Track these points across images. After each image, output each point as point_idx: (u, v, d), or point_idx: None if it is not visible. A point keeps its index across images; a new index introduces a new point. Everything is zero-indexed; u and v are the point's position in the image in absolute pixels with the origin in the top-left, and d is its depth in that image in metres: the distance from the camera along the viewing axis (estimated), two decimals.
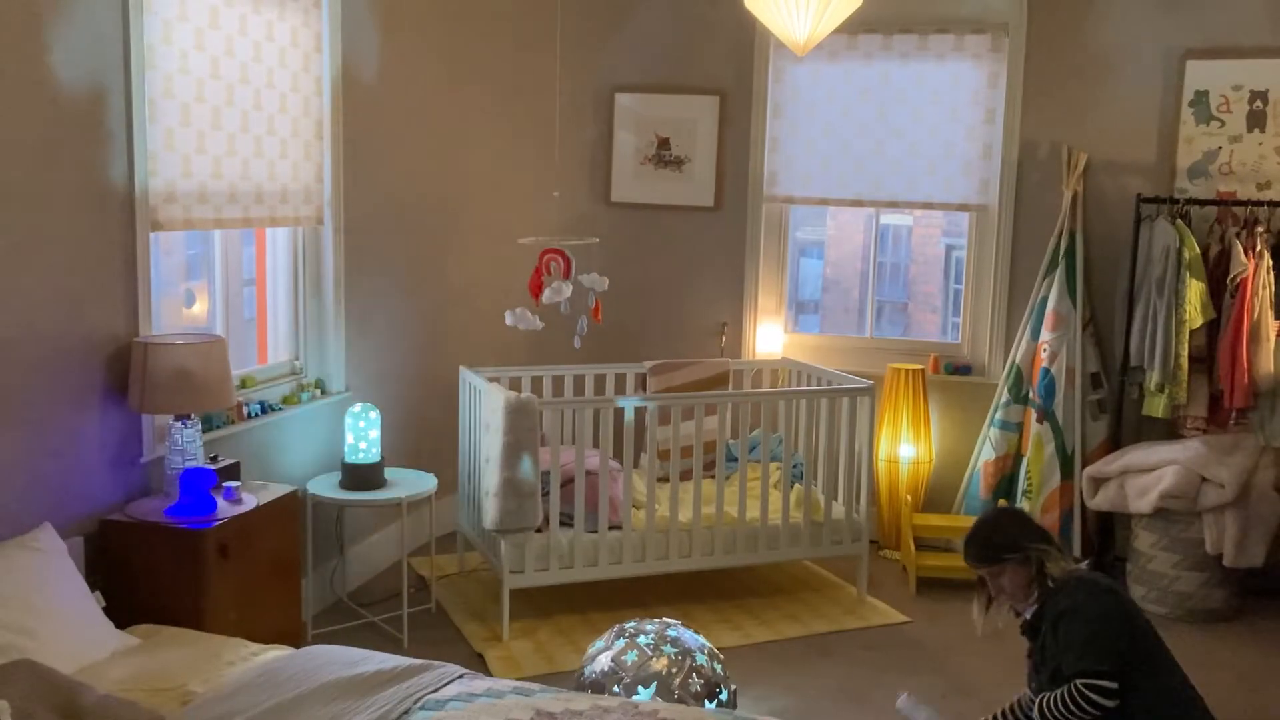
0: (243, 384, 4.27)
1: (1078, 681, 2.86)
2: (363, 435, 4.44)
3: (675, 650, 3.35)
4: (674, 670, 3.26)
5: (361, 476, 4.42)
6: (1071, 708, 2.85)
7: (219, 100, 3.94)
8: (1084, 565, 3.20)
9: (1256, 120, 5.12)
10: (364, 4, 4.74)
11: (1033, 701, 3.06)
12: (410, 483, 4.55)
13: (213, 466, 3.67)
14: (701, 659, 3.38)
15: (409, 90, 5.14)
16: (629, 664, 3.32)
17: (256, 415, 4.22)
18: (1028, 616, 3.13)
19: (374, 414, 4.49)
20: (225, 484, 3.65)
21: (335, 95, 4.58)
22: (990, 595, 3.21)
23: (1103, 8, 5.28)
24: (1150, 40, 5.23)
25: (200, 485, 3.45)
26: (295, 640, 3.64)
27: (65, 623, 2.98)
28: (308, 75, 4.44)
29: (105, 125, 3.45)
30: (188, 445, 3.56)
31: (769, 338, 5.82)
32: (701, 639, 3.50)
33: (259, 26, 4.12)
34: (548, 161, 5.69)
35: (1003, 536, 3.11)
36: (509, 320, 4.70)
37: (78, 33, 3.33)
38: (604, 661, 3.36)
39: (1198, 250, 4.96)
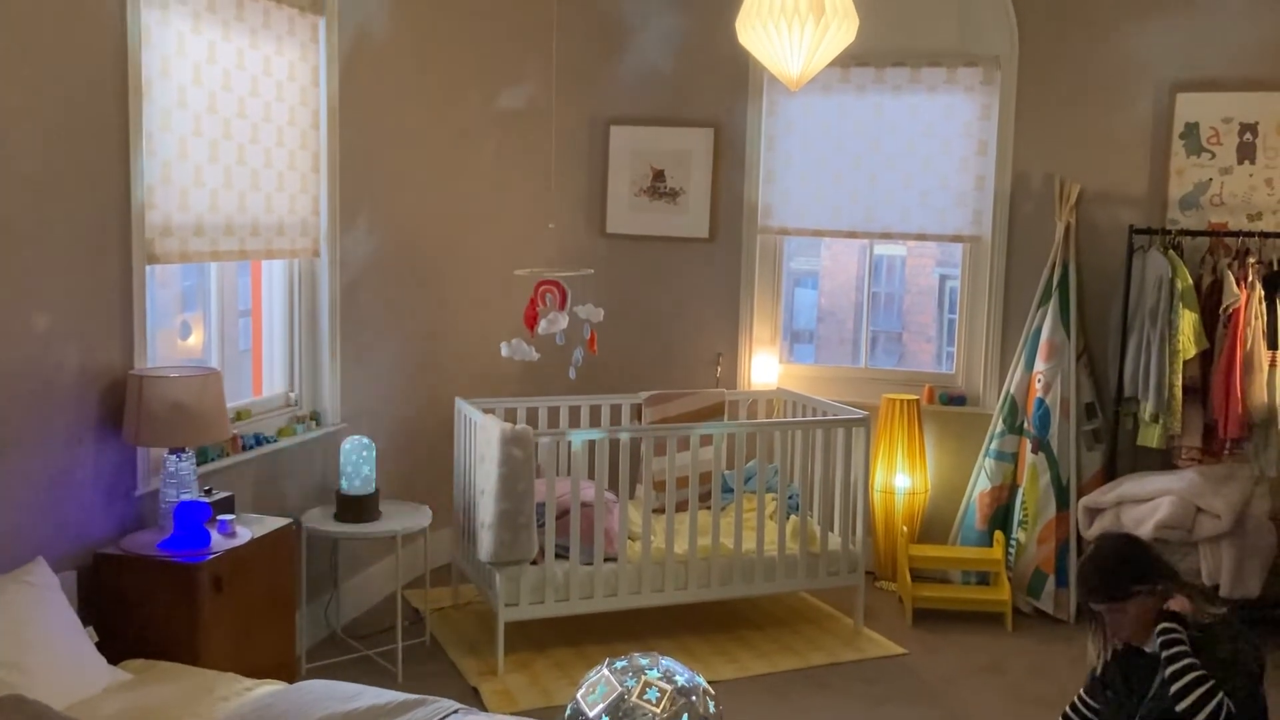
0: (238, 416, 4.26)
1: None
2: (357, 468, 4.43)
3: (666, 685, 3.32)
4: (667, 707, 3.23)
5: (356, 509, 4.41)
6: None
7: (216, 133, 3.96)
8: (1223, 610, 2.92)
9: (1246, 152, 5.17)
10: (360, 38, 4.78)
11: None
12: (405, 515, 4.54)
13: (207, 499, 3.66)
14: (694, 696, 3.35)
15: (405, 122, 5.17)
16: (619, 702, 3.29)
17: (251, 447, 4.21)
18: (1149, 650, 2.90)
19: (369, 447, 4.48)
20: (220, 517, 3.64)
21: (332, 128, 4.61)
22: (1107, 631, 2.96)
23: (1093, 41, 5.33)
24: (1141, 73, 5.28)
25: (194, 518, 3.44)
26: (289, 674, 3.61)
27: (57, 657, 2.96)
28: (305, 108, 4.47)
29: (102, 159, 3.47)
30: (182, 478, 3.55)
31: (764, 368, 5.83)
32: (695, 674, 3.48)
33: (256, 61, 4.15)
34: (543, 193, 5.71)
35: (1131, 568, 2.87)
36: (505, 351, 4.70)
37: (76, 67, 3.35)
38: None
39: (1190, 281, 4.99)
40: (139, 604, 3.38)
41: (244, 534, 3.62)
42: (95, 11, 3.40)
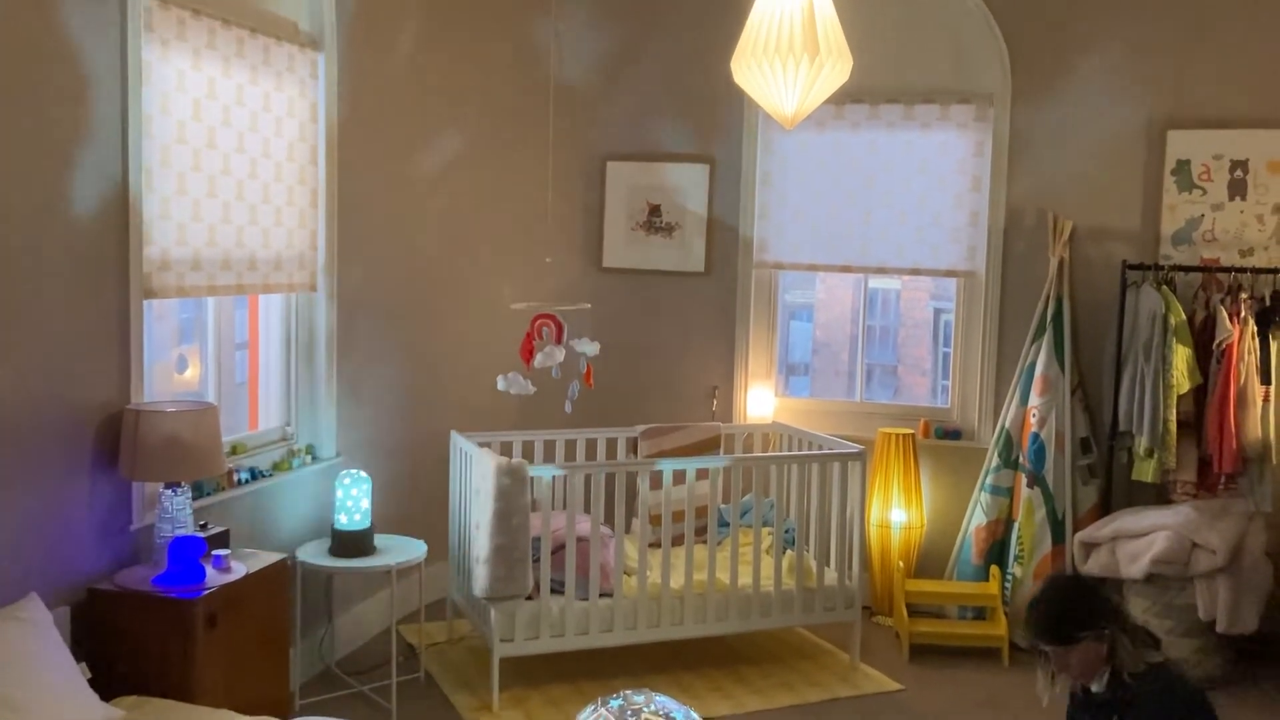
0: (234, 450, 4.26)
1: None
2: (353, 502, 4.42)
3: None
4: None
5: (351, 543, 4.40)
6: None
7: (215, 169, 3.98)
8: (1162, 657, 2.89)
9: (1237, 189, 5.21)
10: (359, 74, 4.81)
11: None
12: (400, 549, 4.53)
13: (202, 534, 3.65)
14: None
15: (403, 157, 5.21)
16: None
17: (247, 482, 4.20)
18: (1095, 690, 2.89)
19: (364, 480, 4.48)
20: (214, 552, 3.63)
21: (330, 163, 4.64)
22: (1054, 670, 2.94)
23: (1084, 79, 5.38)
24: (1132, 110, 5.34)
25: (189, 553, 3.43)
26: (282, 711, 3.59)
27: (50, 694, 2.94)
28: (303, 144, 4.50)
29: (101, 194, 3.48)
30: (177, 513, 3.54)
31: (760, 402, 5.84)
32: (691, 711, 3.46)
33: (256, 97, 4.18)
34: (540, 227, 5.75)
35: (1076, 612, 2.84)
36: (501, 385, 4.71)
37: (76, 103, 3.37)
38: None
39: (1183, 316, 5.01)
40: (132, 640, 3.36)
41: (238, 569, 3.61)
42: (96, 48, 3.43)
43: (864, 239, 5.72)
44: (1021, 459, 5.33)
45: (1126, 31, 5.31)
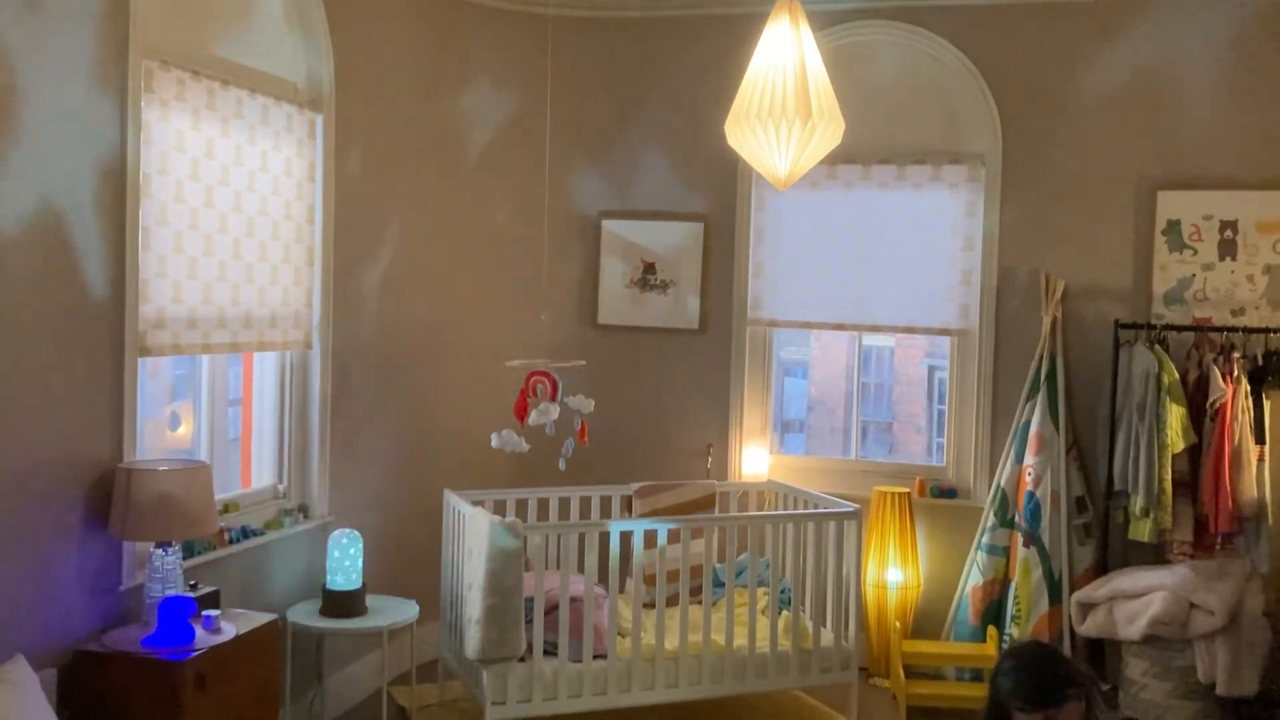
0: (226, 509, 4.24)
1: None
2: (344, 562, 4.39)
3: None
4: None
5: (342, 603, 4.36)
6: None
7: (212, 227, 4.01)
8: (1126, 714, 2.95)
9: (1227, 249, 5.25)
10: (357, 134, 4.86)
11: None
12: (391, 610, 4.48)
13: (192, 595, 3.62)
14: None
15: (400, 215, 5.24)
16: None
17: (238, 540, 4.17)
18: None
19: (356, 540, 4.45)
20: (204, 612, 3.59)
21: (327, 222, 4.66)
22: None
23: (1075, 141, 5.45)
24: (1122, 171, 5.39)
25: (179, 614, 3.40)
26: None
27: None
28: (300, 203, 4.53)
29: (98, 252, 3.50)
30: (168, 573, 3.52)
31: (755, 459, 5.82)
32: None
33: (254, 156, 4.22)
34: (536, 285, 5.77)
35: (1060, 672, 2.87)
36: (495, 442, 4.70)
37: (75, 161, 3.40)
38: None
39: (1176, 375, 5.03)
40: (120, 702, 3.31)
41: (228, 630, 3.57)
42: (96, 109, 3.46)
43: (858, 297, 5.74)
44: (1017, 518, 5.31)
45: (1115, 94, 5.38)
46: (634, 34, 5.93)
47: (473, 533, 4.38)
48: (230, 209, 4.09)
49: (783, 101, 3.05)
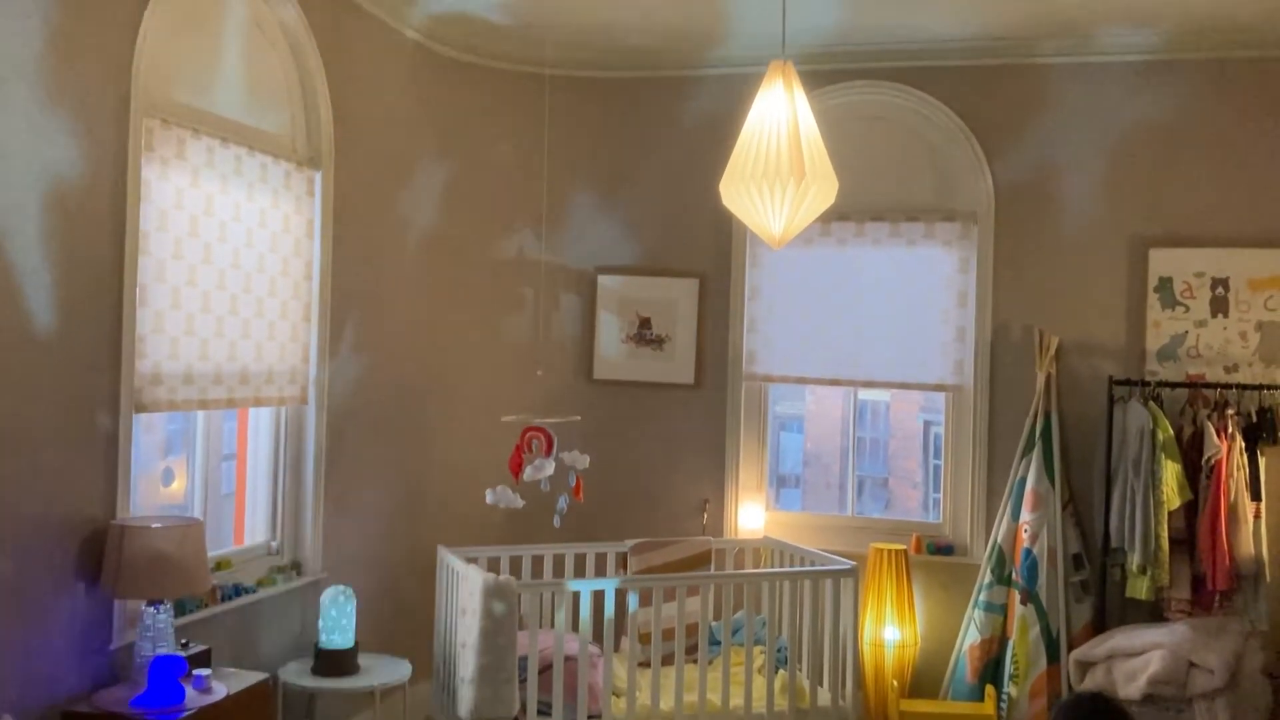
0: (218, 566, 4.21)
1: None
2: (337, 620, 4.36)
3: None
4: None
5: (334, 662, 4.31)
6: None
7: (210, 284, 4.02)
8: None
9: (1219, 306, 5.29)
10: (355, 191, 4.90)
11: None
12: (384, 669, 4.44)
13: (183, 653, 3.58)
14: None
15: (397, 271, 5.27)
16: None
17: (231, 598, 4.14)
18: None
19: (349, 598, 4.42)
20: (195, 671, 3.55)
21: (325, 278, 4.69)
22: None
23: (1066, 198, 5.50)
24: (1113, 229, 5.44)
25: (169, 673, 3.36)
26: None
27: None
28: (298, 259, 4.55)
29: (95, 309, 3.51)
30: (159, 631, 3.48)
31: (751, 515, 5.80)
32: None
33: (252, 213, 4.25)
34: (532, 340, 5.78)
35: None
36: (489, 499, 4.69)
37: (73, 220, 3.42)
38: None
39: (1171, 432, 5.03)
40: None
41: (219, 690, 3.54)
42: (95, 167, 3.49)
43: (853, 353, 5.76)
44: (1014, 575, 5.28)
45: (1105, 152, 5.44)
46: (630, 93, 6.01)
47: (466, 591, 4.35)
48: (228, 265, 4.12)
49: (776, 162, 3.08)
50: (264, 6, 4.32)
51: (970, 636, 5.36)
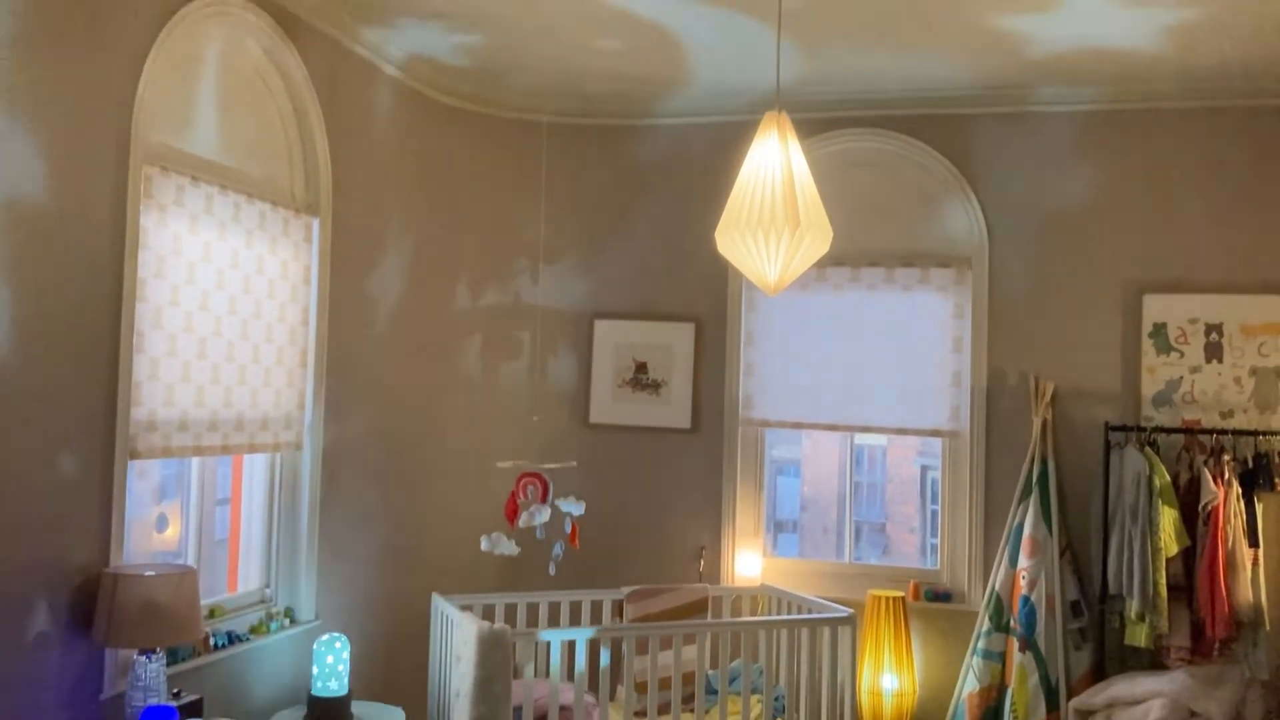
0: (211, 614, 4.18)
1: None
2: (330, 668, 4.32)
3: None
4: None
5: (328, 711, 4.27)
6: None
7: (206, 330, 4.03)
8: None
9: (1214, 352, 5.30)
10: (353, 236, 4.92)
11: None
12: (378, 717, 4.39)
13: (175, 703, 3.54)
14: None
15: (393, 317, 5.28)
16: None
17: (223, 646, 4.11)
18: None
19: (343, 646, 4.38)
20: None
21: (321, 324, 4.69)
22: None
23: (1060, 245, 5.53)
24: (1107, 275, 5.47)
25: None
26: None
27: None
28: (295, 305, 4.56)
29: (91, 356, 3.51)
30: (151, 681, 3.45)
31: (748, 562, 5.77)
32: None
33: (250, 260, 4.26)
34: (528, 385, 5.79)
35: None
36: (485, 545, 4.66)
37: (70, 266, 3.43)
38: None
39: (1168, 478, 5.03)
40: None
41: None
42: (93, 215, 3.51)
43: (849, 398, 5.77)
44: (1012, 622, 5.25)
45: (1099, 198, 5.49)
46: (627, 140, 6.06)
47: (460, 639, 4.32)
48: (225, 312, 4.12)
49: (771, 212, 3.11)
50: (263, 55, 4.37)
51: (969, 685, 5.31)
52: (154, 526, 4.96)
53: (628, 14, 4.58)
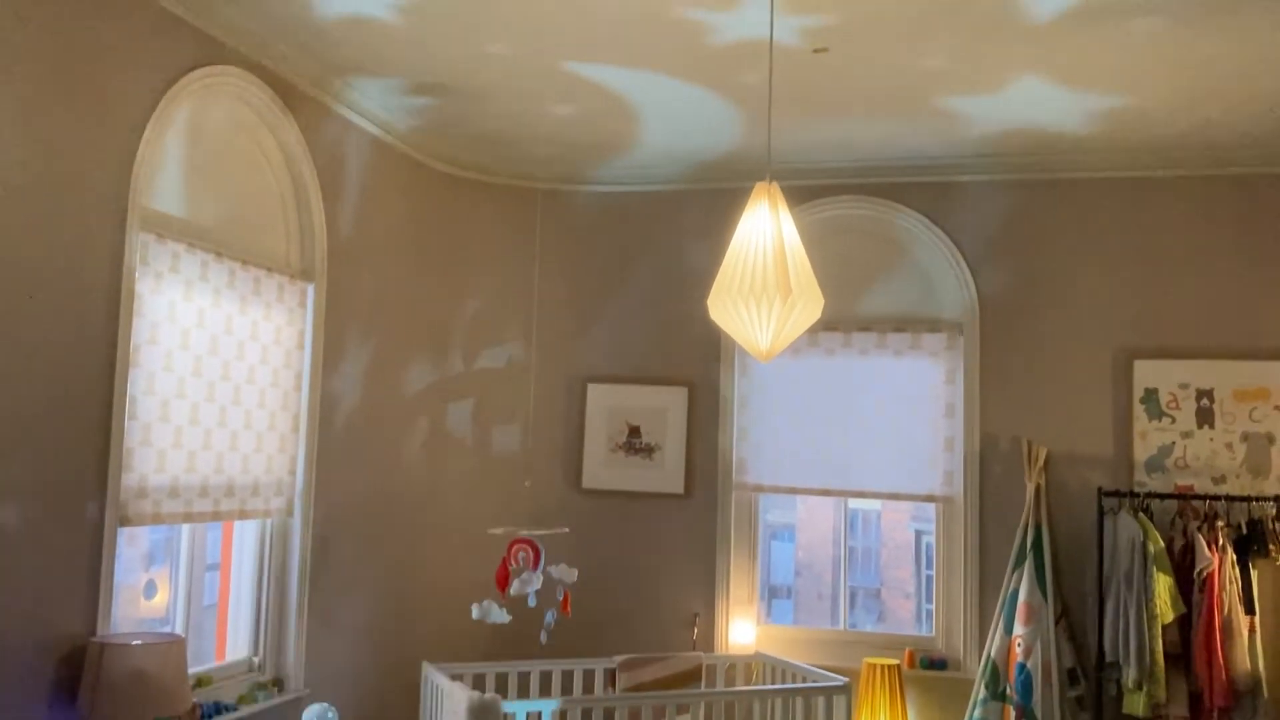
0: (199, 683, 4.12)
1: None
2: None
3: None
4: None
5: None
6: None
7: (199, 396, 4.03)
8: None
9: (1205, 417, 5.32)
10: (347, 302, 4.94)
11: None
12: None
13: None
14: None
15: (387, 382, 5.28)
16: None
17: (211, 716, 4.04)
18: None
19: (333, 717, 4.31)
20: None
21: (314, 389, 4.70)
22: None
23: (1050, 310, 5.57)
24: (1098, 340, 5.50)
25: None
26: None
27: None
28: (288, 370, 4.57)
29: (82, 422, 3.50)
30: None
31: (742, 630, 5.72)
32: None
33: (244, 326, 4.28)
34: (521, 449, 5.77)
35: None
36: (475, 613, 4.62)
37: (64, 332, 3.44)
38: None
39: (1162, 544, 5.01)
40: None
41: None
42: (89, 281, 3.52)
43: (842, 462, 5.76)
44: (1009, 691, 5.19)
45: (1088, 265, 5.53)
46: (621, 206, 6.12)
47: (450, 709, 4.26)
48: (218, 377, 4.13)
49: (763, 280, 3.13)
50: (261, 124, 4.42)
51: None
52: (142, 593, 4.92)
53: (596, 85, 4.64)
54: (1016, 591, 5.28)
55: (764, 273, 3.17)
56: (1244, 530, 5.05)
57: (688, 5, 3.85)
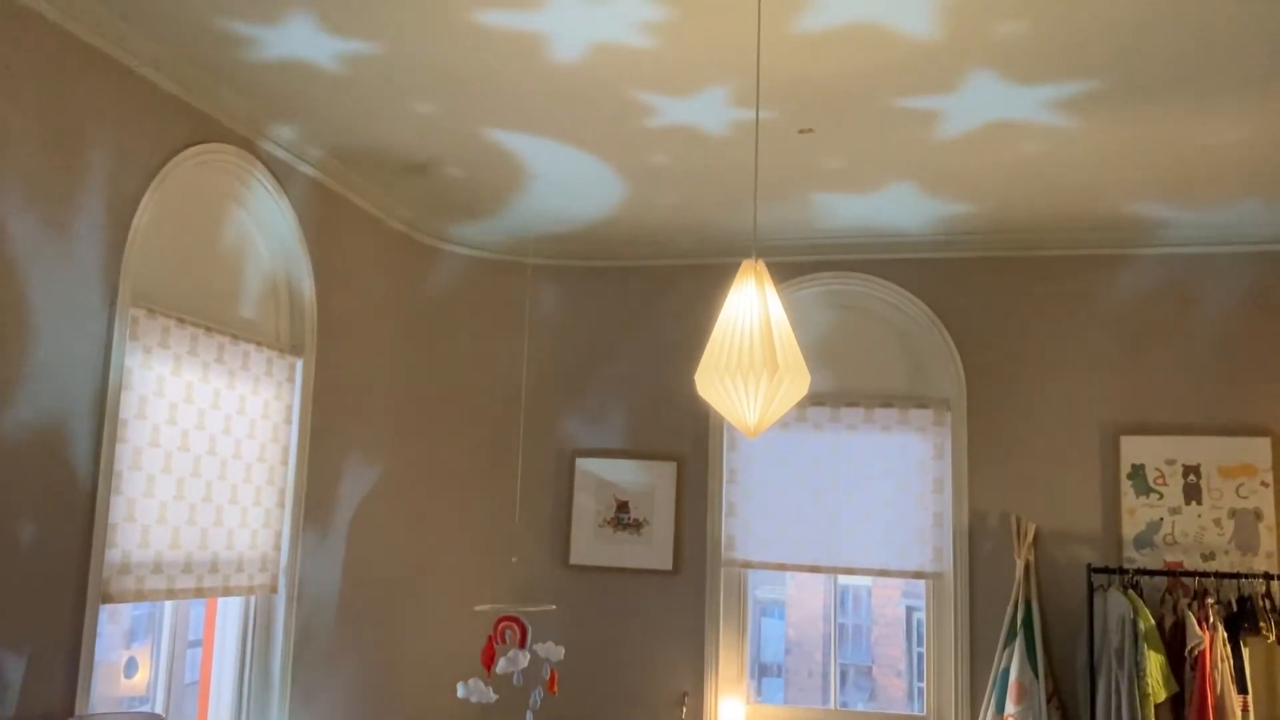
0: None
1: None
2: None
3: None
4: None
5: None
6: None
7: (185, 471, 4.01)
8: None
9: (1192, 493, 5.32)
10: (336, 377, 4.95)
11: None
12: None
13: None
14: None
15: (373, 457, 5.27)
16: None
17: None
18: None
19: None
20: None
21: (301, 464, 4.68)
22: None
23: (1037, 386, 5.60)
24: (1085, 416, 5.52)
25: None
26: None
27: None
28: (275, 444, 4.56)
29: (66, 496, 3.48)
30: None
31: (731, 710, 5.64)
32: None
33: (232, 400, 4.28)
34: (507, 525, 5.74)
35: None
36: (461, 692, 4.54)
37: (50, 406, 3.43)
38: None
39: (1152, 621, 4.98)
40: None
41: None
42: (78, 354, 3.53)
43: (832, 538, 5.74)
44: None
45: (1074, 341, 5.58)
46: (610, 282, 6.17)
47: None
48: (204, 451, 4.12)
49: (750, 357, 3.16)
50: (254, 200, 4.47)
51: None
52: (122, 671, 4.84)
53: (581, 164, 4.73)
54: (1008, 669, 5.23)
55: (750, 349, 3.20)
56: (1234, 607, 5.03)
57: (653, 93, 3.93)
